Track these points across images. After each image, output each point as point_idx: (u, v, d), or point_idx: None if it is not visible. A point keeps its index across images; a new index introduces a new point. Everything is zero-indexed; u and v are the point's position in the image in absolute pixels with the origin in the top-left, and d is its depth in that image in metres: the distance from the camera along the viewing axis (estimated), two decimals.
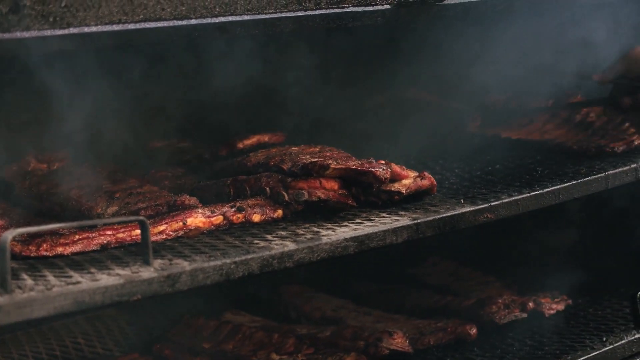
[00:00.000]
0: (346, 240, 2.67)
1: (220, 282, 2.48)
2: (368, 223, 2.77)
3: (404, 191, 2.91)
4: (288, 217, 2.84)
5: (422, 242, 2.98)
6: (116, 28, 2.40)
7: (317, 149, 3.10)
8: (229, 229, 2.77)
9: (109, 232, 2.62)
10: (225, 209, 2.78)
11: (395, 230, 2.75)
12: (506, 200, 2.99)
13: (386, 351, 3.22)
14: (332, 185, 2.86)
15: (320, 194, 2.83)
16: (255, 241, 2.63)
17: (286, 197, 2.85)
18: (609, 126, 3.59)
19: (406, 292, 3.86)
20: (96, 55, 2.99)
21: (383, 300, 3.80)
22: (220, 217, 2.76)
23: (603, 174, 3.24)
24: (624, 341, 3.38)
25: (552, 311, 3.63)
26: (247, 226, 2.78)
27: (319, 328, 3.42)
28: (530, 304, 3.58)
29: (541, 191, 3.07)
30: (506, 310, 3.54)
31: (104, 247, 2.61)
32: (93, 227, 2.59)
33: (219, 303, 3.64)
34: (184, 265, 2.43)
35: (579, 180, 3.17)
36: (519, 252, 4.15)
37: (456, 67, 3.60)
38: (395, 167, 2.93)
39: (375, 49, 3.55)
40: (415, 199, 2.96)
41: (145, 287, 2.36)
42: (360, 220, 2.80)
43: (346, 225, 2.76)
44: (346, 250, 2.66)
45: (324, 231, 2.70)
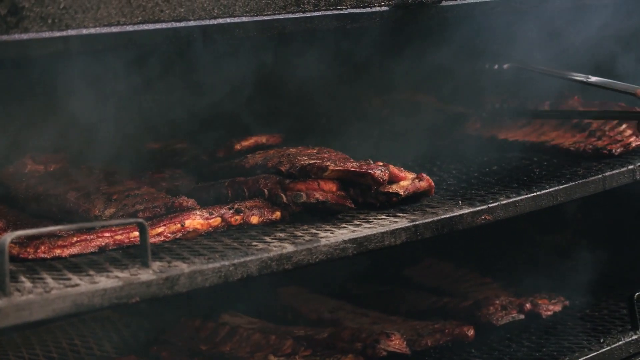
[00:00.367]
0: (345, 242, 2.66)
1: (219, 284, 2.47)
2: (366, 225, 2.77)
3: (402, 193, 2.91)
4: (286, 219, 2.83)
5: (418, 243, 2.98)
6: (114, 30, 2.39)
7: (315, 151, 3.10)
8: (227, 230, 2.76)
9: (107, 234, 2.62)
10: (223, 210, 2.77)
11: (394, 232, 2.75)
12: (504, 201, 2.98)
13: (384, 353, 3.22)
14: (331, 186, 2.86)
15: (319, 195, 2.83)
16: (254, 243, 2.62)
17: (284, 199, 2.85)
18: (606, 128, 3.59)
19: (403, 294, 3.86)
20: (93, 57, 2.98)
21: (380, 302, 3.80)
22: (219, 219, 2.76)
23: (600, 176, 3.24)
24: (621, 342, 3.39)
25: (550, 312, 3.63)
26: (245, 228, 2.78)
27: (316, 330, 3.42)
28: (528, 305, 3.58)
29: (539, 193, 3.07)
30: (503, 312, 3.54)
31: (102, 249, 2.61)
32: (91, 229, 2.58)
33: (216, 304, 3.63)
34: (182, 267, 2.43)
35: (577, 182, 3.17)
36: (515, 253, 4.15)
37: (454, 69, 3.60)
38: (393, 169, 2.93)
39: (373, 51, 3.54)
40: (413, 201, 2.96)
41: (144, 290, 2.35)
42: (358, 222, 2.80)
43: (344, 227, 2.76)
44: (345, 252, 2.66)
45: (322, 233, 2.70)
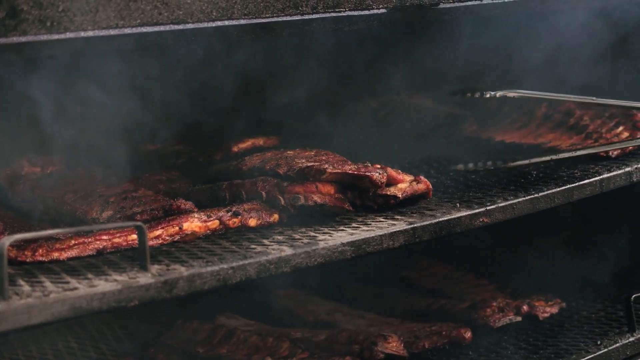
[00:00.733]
0: (343, 245, 2.66)
1: (218, 288, 2.47)
2: (364, 227, 2.77)
3: (400, 195, 2.90)
4: (284, 222, 2.83)
5: (414, 245, 2.98)
6: (113, 33, 2.39)
7: (313, 153, 3.09)
8: (225, 233, 2.76)
9: (105, 237, 2.61)
10: (221, 213, 2.77)
11: (392, 235, 2.74)
12: (502, 204, 2.98)
13: (381, 355, 3.22)
14: (329, 189, 2.85)
15: (317, 198, 2.83)
16: (252, 246, 2.62)
17: (282, 202, 2.84)
18: (603, 130, 3.59)
19: (399, 295, 3.86)
20: (89, 60, 2.98)
21: (377, 304, 3.80)
22: (217, 222, 2.75)
23: (598, 178, 3.24)
24: (618, 344, 3.39)
25: (546, 314, 3.63)
26: (243, 231, 2.77)
27: (313, 332, 3.41)
28: (525, 307, 3.58)
29: (537, 195, 3.07)
30: (500, 314, 3.54)
31: (100, 252, 2.60)
32: (89, 232, 2.58)
33: (212, 306, 3.63)
34: (181, 270, 2.42)
35: (574, 184, 3.17)
36: (511, 255, 4.15)
37: (451, 71, 3.60)
38: (391, 171, 2.92)
39: (371, 53, 3.55)
40: (411, 203, 2.95)
41: (143, 293, 2.34)
42: (356, 225, 2.79)
43: (342, 229, 2.75)
44: (343, 255, 2.66)
45: (320, 236, 2.70)
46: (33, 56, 2.43)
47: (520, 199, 3.02)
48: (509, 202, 2.99)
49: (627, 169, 3.33)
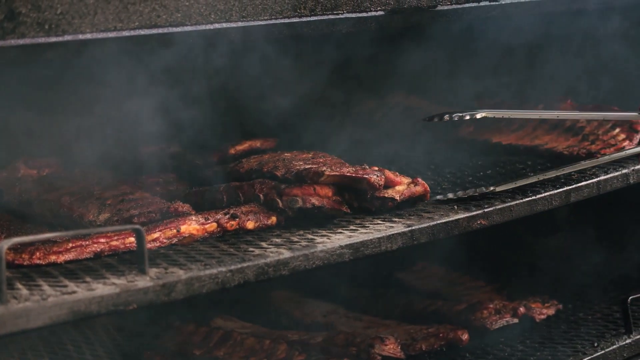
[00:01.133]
0: (341, 247, 2.66)
1: (216, 291, 2.46)
2: (362, 230, 2.76)
3: (398, 198, 2.90)
4: (282, 224, 2.82)
5: (411, 247, 2.97)
6: (111, 35, 2.38)
7: (310, 155, 3.09)
8: (222, 236, 2.75)
9: (102, 240, 2.60)
10: (219, 216, 2.76)
11: (390, 237, 2.74)
12: (499, 206, 2.98)
13: (378, 357, 3.22)
14: (326, 192, 2.85)
15: (315, 200, 2.82)
16: (250, 249, 2.61)
17: (280, 204, 2.84)
18: (600, 131, 3.59)
19: (396, 297, 3.85)
20: (86, 62, 2.97)
21: (373, 305, 3.79)
22: (214, 225, 2.74)
23: (595, 180, 3.24)
24: (615, 346, 3.39)
25: (543, 316, 3.63)
26: (241, 233, 2.77)
27: (310, 334, 3.41)
28: (521, 309, 3.58)
29: (534, 197, 3.06)
30: (497, 316, 3.54)
31: (98, 255, 2.59)
32: (88, 235, 2.57)
33: (209, 308, 3.62)
34: (179, 274, 2.41)
35: (572, 186, 3.17)
36: (507, 256, 4.15)
37: (448, 72, 3.60)
38: (388, 174, 2.92)
39: (367, 54, 3.54)
40: (408, 205, 2.95)
41: (141, 297, 2.34)
42: (354, 227, 2.79)
43: (340, 232, 2.75)
44: (341, 258, 2.65)
45: (318, 238, 2.69)
46: (31, 58, 2.42)
47: (518, 201, 3.02)
48: (506, 205, 2.99)
49: (624, 171, 3.33)
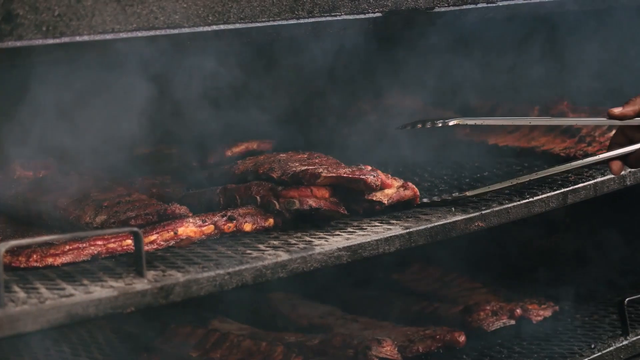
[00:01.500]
0: (339, 250, 2.65)
1: (214, 293, 2.45)
2: (360, 232, 2.76)
3: (386, 201, 2.88)
4: (279, 226, 2.81)
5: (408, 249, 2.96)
6: (109, 37, 2.37)
7: (306, 156, 3.07)
8: (219, 238, 2.74)
9: (99, 242, 2.59)
10: (216, 218, 2.75)
11: (388, 240, 2.73)
12: (497, 208, 2.98)
13: (375, 359, 3.21)
14: (323, 193, 2.84)
15: (312, 202, 2.81)
16: (248, 251, 2.60)
17: (277, 206, 2.82)
18: (596, 133, 3.59)
19: (392, 299, 3.85)
20: (82, 64, 2.96)
21: (369, 307, 3.79)
22: (212, 227, 2.73)
23: (592, 182, 3.24)
24: (612, 348, 3.39)
25: (540, 318, 3.63)
26: (238, 235, 2.76)
27: (307, 336, 3.40)
28: (518, 311, 3.58)
29: (531, 199, 3.06)
30: (494, 317, 3.54)
31: (95, 258, 2.58)
32: (85, 238, 2.56)
33: (204, 310, 3.61)
34: (177, 276, 2.41)
35: (569, 188, 3.17)
36: (503, 257, 4.14)
37: (445, 74, 3.60)
38: (381, 175, 2.91)
39: (364, 55, 3.54)
40: (405, 207, 2.94)
41: (139, 299, 2.33)
42: (352, 229, 2.78)
43: (338, 234, 2.74)
44: (339, 260, 2.65)
45: (316, 240, 2.68)
46: (28, 61, 2.41)
47: (515, 203, 3.02)
48: (504, 207, 2.99)
49: (621, 173, 3.32)
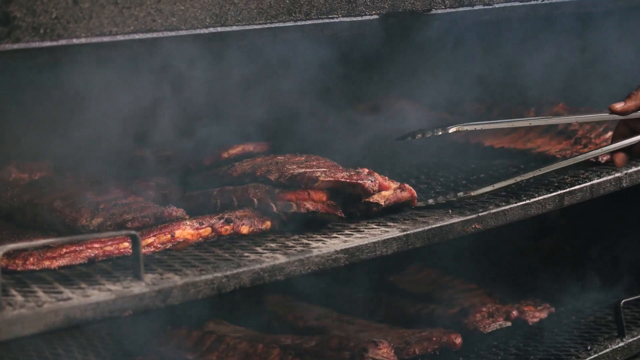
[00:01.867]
0: (337, 252, 2.65)
1: (212, 296, 2.45)
2: (357, 235, 2.75)
3: (383, 203, 2.88)
4: (276, 229, 2.81)
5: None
6: (106, 39, 2.36)
7: (303, 158, 3.07)
8: (217, 240, 2.73)
9: (96, 245, 2.58)
10: (213, 220, 2.74)
11: (385, 242, 2.73)
12: (494, 210, 2.98)
13: None
14: (321, 196, 2.83)
15: (309, 205, 2.81)
16: (245, 254, 2.60)
17: (274, 209, 2.82)
18: (592, 135, 3.59)
19: (389, 300, 3.84)
20: (78, 65, 2.95)
21: (366, 309, 3.78)
22: (209, 229, 2.73)
23: (588, 184, 3.25)
24: (608, 350, 3.40)
25: (536, 319, 3.63)
26: (236, 238, 2.75)
27: (303, 338, 3.40)
28: (514, 313, 3.58)
29: (528, 201, 3.06)
30: (490, 319, 3.54)
31: (92, 261, 2.57)
32: (82, 241, 2.55)
33: (199, 312, 3.60)
34: (175, 279, 2.40)
35: (565, 190, 3.17)
36: (499, 259, 4.14)
37: (441, 76, 3.60)
38: (378, 178, 2.91)
39: (361, 57, 3.53)
40: (402, 209, 2.94)
41: (137, 303, 2.32)
42: (349, 232, 2.78)
43: (335, 237, 2.74)
44: (337, 263, 2.65)
45: (313, 243, 2.68)
46: (25, 63, 2.40)
47: (512, 205, 3.02)
48: (500, 209, 2.99)
49: (617, 175, 3.33)
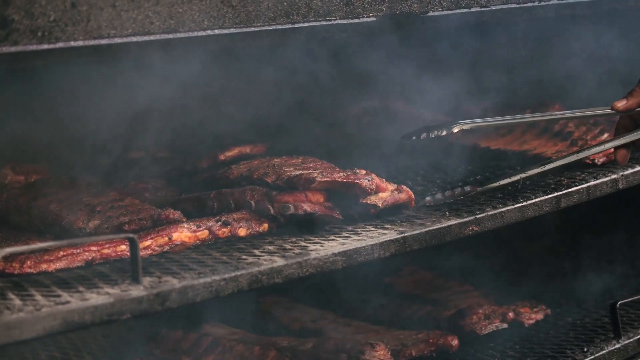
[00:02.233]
0: (334, 255, 2.64)
1: (210, 299, 2.44)
2: (355, 237, 2.75)
3: (380, 205, 2.88)
4: (274, 231, 2.80)
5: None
6: (104, 42, 2.36)
7: (300, 160, 3.07)
8: (214, 243, 2.73)
9: (94, 248, 2.57)
10: (210, 223, 2.74)
11: (383, 244, 2.73)
12: (491, 212, 2.97)
13: None
14: (318, 198, 2.83)
15: (307, 207, 2.80)
16: (243, 257, 2.59)
17: (272, 211, 2.82)
18: (588, 137, 3.59)
19: (385, 302, 3.84)
20: (71, 67, 2.95)
21: (362, 310, 3.78)
22: (206, 232, 2.72)
23: (584, 185, 3.25)
24: (604, 351, 3.40)
25: (532, 321, 3.63)
26: (233, 240, 2.75)
27: (300, 340, 3.39)
28: (511, 314, 3.58)
29: (525, 203, 3.06)
30: (487, 321, 3.53)
31: (89, 264, 2.56)
32: (80, 244, 2.54)
33: (194, 314, 3.60)
34: (173, 282, 2.39)
35: (562, 192, 3.17)
36: (494, 260, 4.14)
37: (438, 78, 3.60)
38: (376, 179, 2.91)
39: (357, 59, 3.53)
40: (398, 211, 2.94)
41: (135, 306, 2.31)
42: (347, 234, 2.77)
43: (333, 239, 2.73)
44: (335, 265, 2.64)
45: (311, 245, 2.68)
46: (23, 65, 2.39)
47: (509, 207, 3.02)
48: (498, 211, 2.99)
49: (613, 176, 3.34)
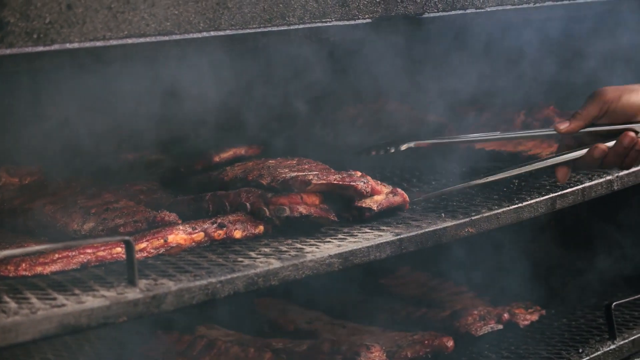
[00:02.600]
0: (330, 257, 2.64)
1: (206, 302, 2.44)
2: (351, 239, 2.75)
3: (375, 208, 2.88)
4: (269, 233, 2.80)
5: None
6: (99, 44, 2.35)
7: (295, 162, 3.06)
8: (210, 245, 2.72)
9: (89, 250, 2.56)
10: (206, 225, 2.73)
11: (379, 246, 2.73)
12: (486, 214, 2.98)
13: None
14: (314, 200, 2.83)
15: (302, 209, 2.80)
16: (239, 259, 2.59)
17: (267, 213, 2.81)
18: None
19: (379, 303, 3.84)
20: (68, 70, 2.94)
21: (357, 312, 3.78)
22: (202, 234, 2.72)
23: (580, 187, 3.25)
24: (600, 352, 3.40)
25: (527, 322, 3.63)
26: (229, 243, 2.74)
27: (295, 342, 3.39)
28: (506, 315, 3.58)
29: (521, 204, 3.06)
30: (482, 322, 3.53)
31: (84, 266, 2.56)
32: (76, 247, 2.53)
33: (190, 316, 3.59)
34: (169, 285, 2.39)
35: (557, 193, 3.17)
36: (489, 261, 4.14)
37: (433, 79, 3.60)
38: (371, 181, 2.90)
39: (353, 60, 3.53)
40: (394, 213, 2.93)
41: (131, 309, 2.31)
42: (342, 236, 2.77)
43: (329, 241, 2.73)
44: (331, 267, 2.64)
45: (307, 248, 2.67)
46: (18, 68, 2.39)
47: (504, 209, 3.02)
48: (493, 212, 2.99)
49: (609, 178, 3.34)
